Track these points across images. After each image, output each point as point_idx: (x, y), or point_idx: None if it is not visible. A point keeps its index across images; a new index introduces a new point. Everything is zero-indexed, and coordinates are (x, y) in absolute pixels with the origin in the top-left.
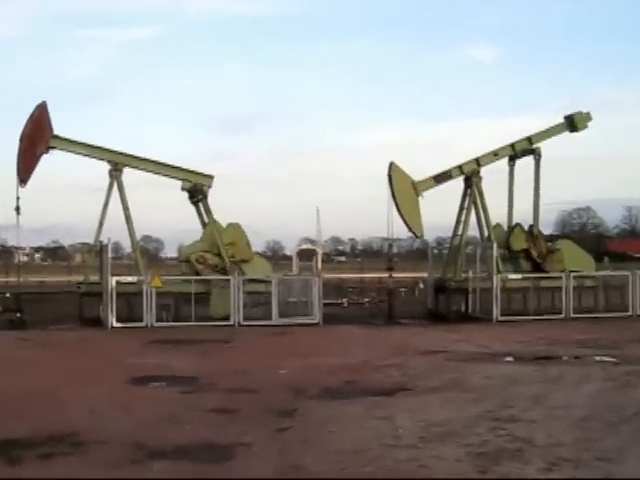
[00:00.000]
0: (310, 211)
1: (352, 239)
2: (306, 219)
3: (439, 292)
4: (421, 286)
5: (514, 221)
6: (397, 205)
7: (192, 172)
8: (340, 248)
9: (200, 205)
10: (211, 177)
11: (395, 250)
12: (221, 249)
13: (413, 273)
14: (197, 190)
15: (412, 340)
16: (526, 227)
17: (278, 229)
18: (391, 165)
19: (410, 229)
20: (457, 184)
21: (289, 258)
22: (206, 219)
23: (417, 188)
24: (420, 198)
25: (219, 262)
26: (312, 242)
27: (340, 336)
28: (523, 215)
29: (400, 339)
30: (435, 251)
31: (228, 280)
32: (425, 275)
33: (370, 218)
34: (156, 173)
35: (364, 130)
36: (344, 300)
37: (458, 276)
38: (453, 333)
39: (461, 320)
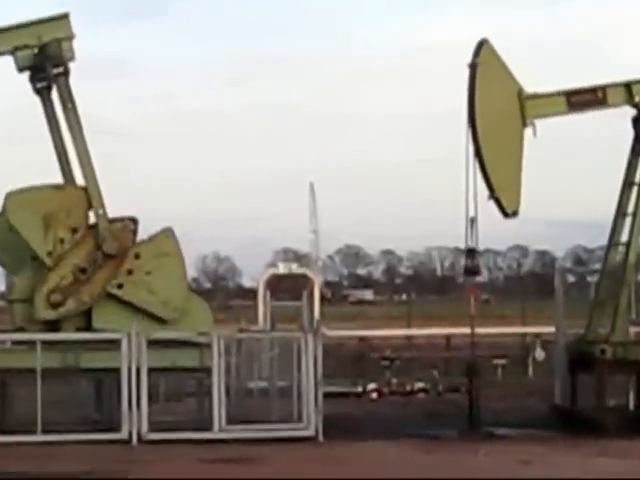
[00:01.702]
0: (297, 191)
1: (387, 252)
2: (287, 209)
3: (579, 368)
4: (539, 355)
5: None
6: (477, 140)
7: (26, 25)
8: (361, 273)
9: (51, 95)
10: (65, 17)
11: (482, 276)
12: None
13: (521, 327)
14: (48, 57)
15: (521, 476)
16: None
17: (225, 230)
18: (481, 47)
19: (492, 194)
20: (616, 126)
21: (250, 293)
22: (66, 132)
23: (526, 107)
24: (529, 130)
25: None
26: (300, 259)
27: (363, 468)
28: None
29: (494, 473)
30: (570, 278)
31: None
32: (548, 331)
33: (425, 207)
34: None
35: (415, 17)
36: (371, 386)
37: (620, 334)
38: (612, 458)
39: (628, 429)
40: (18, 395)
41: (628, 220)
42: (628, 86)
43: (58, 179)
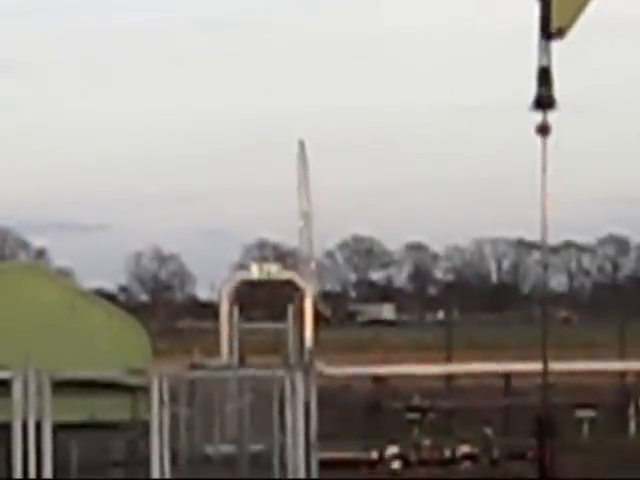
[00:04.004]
0: (279, 154)
1: (416, 246)
2: (263, 181)
3: None
4: None
5: None
6: None
7: None
8: (377, 278)
9: None
10: None
11: (559, 286)
12: None
13: (618, 361)
14: None
15: None
16: None
17: (168, 215)
18: None
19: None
20: None
21: (208, 310)
22: None
23: None
24: None
25: None
26: (283, 257)
27: None
28: None
29: None
30: None
31: None
32: None
33: (472, 177)
34: None
35: None
36: (392, 451)
37: None
38: None
39: None
40: None
41: None
42: None
43: None
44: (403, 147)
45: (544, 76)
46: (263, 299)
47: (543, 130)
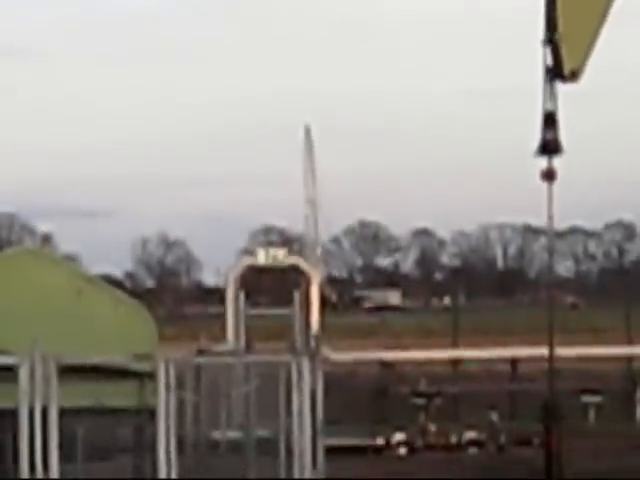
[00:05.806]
0: (284, 139)
1: (422, 232)
2: (269, 166)
3: None
4: None
5: None
6: None
7: None
8: (383, 264)
9: None
10: None
11: (566, 271)
12: None
13: (624, 347)
14: None
15: None
16: None
17: (174, 200)
18: None
19: (551, 37)
20: None
21: (215, 295)
22: None
23: None
24: None
25: None
26: (289, 243)
27: None
28: None
29: None
30: None
31: None
32: None
33: (478, 162)
34: None
35: None
36: (398, 437)
37: None
38: None
39: None
40: None
41: None
42: None
43: None
44: (410, 132)
45: (550, 121)
46: (269, 285)
47: (549, 175)
